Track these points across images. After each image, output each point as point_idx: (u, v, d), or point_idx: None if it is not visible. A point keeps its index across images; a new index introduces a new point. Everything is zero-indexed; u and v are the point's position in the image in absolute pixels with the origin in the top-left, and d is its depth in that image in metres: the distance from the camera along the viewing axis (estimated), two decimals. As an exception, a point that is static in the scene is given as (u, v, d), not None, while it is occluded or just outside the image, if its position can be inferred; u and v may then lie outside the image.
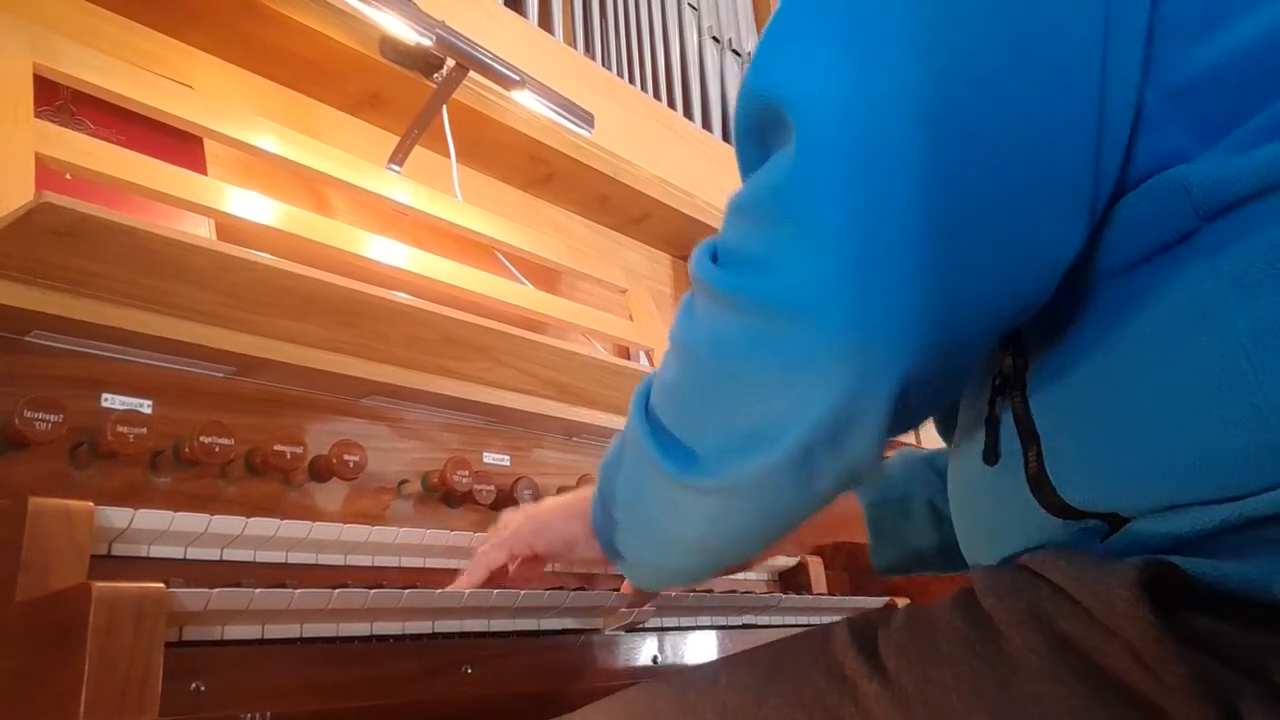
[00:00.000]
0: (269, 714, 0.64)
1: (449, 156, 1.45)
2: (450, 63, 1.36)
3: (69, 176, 0.98)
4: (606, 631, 0.90)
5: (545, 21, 1.72)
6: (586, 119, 1.53)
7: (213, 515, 0.80)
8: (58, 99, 1.06)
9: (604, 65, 1.85)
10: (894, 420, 0.52)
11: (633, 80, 1.94)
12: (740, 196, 0.55)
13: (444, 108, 1.40)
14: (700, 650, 0.98)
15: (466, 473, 1.10)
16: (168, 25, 1.25)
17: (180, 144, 1.14)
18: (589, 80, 1.69)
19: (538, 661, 0.83)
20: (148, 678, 0.56)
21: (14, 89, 0.94)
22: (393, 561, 0.97)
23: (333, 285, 0.92)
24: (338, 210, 1.33)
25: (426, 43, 1.30)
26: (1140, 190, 0.50)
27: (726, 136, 2.11)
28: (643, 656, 0.92)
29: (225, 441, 0.88)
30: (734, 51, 2.26)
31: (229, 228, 1.09)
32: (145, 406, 0.88)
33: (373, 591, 0.70)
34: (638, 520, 0.70)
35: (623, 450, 0.71)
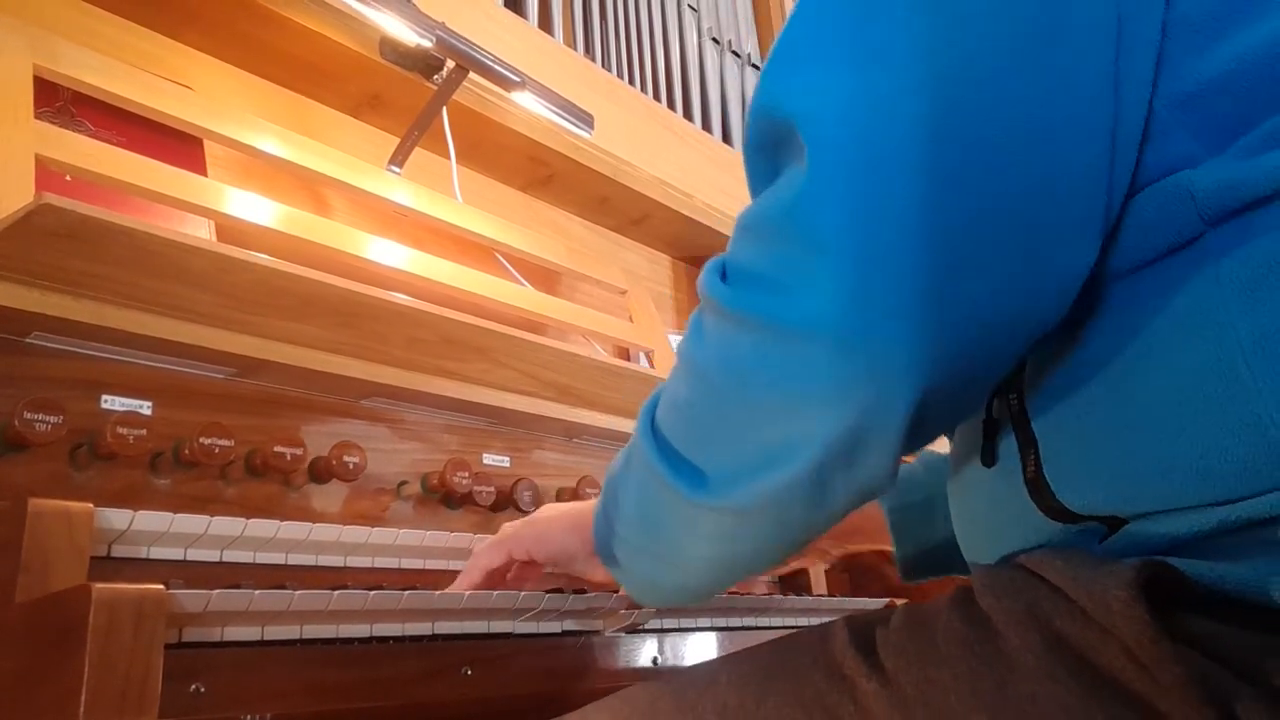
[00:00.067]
0: (269, 715, 0.64)
1: (449, 158, 1.45)
2: (450, 64, 1.36)
3: (69, 178, 0.98)
4: (606, 633, 0.90)
5: (545, 23, 1.72)
6: (586, 120, 1.53)
7: (212, 517, 0.80)
8: (57, 100, 1.07)
9: (604, 66, 1.85)
10: (909, 438, 0.51)
11: (633, 81, 1.94)
12: (749, 214, 0.54)
13: (444, 109, 1.40)
14: (700, 651, 0.98)
15: (466, 474, 1.10)
16: (167, 26, 1.25)
17: (180, 145, 1.14)
18: (589, 81, 1.69)
19: (538, 663, 0.83)
20: (147, 679, 0.56)
21: (14, 90, 0.94)
22: (392, 563, 0.97)
23: (332, 286, 0.92)
24: (337, 211, 1.33)
25: (426, 44, 1.30)
26: (1145, 194, 0.50)
27: (726, 138, 2.11)
28: (643, 658, 0.92)
29: (225, 443, 0.88)
30: (734, 53, 2.26)
31: (229, 229, 1.09)
32: (145, 408, 0.88)
33: (372, 593, 0.70)
34: (643, 537, 0.69)
35: (629, 466, 0.69)
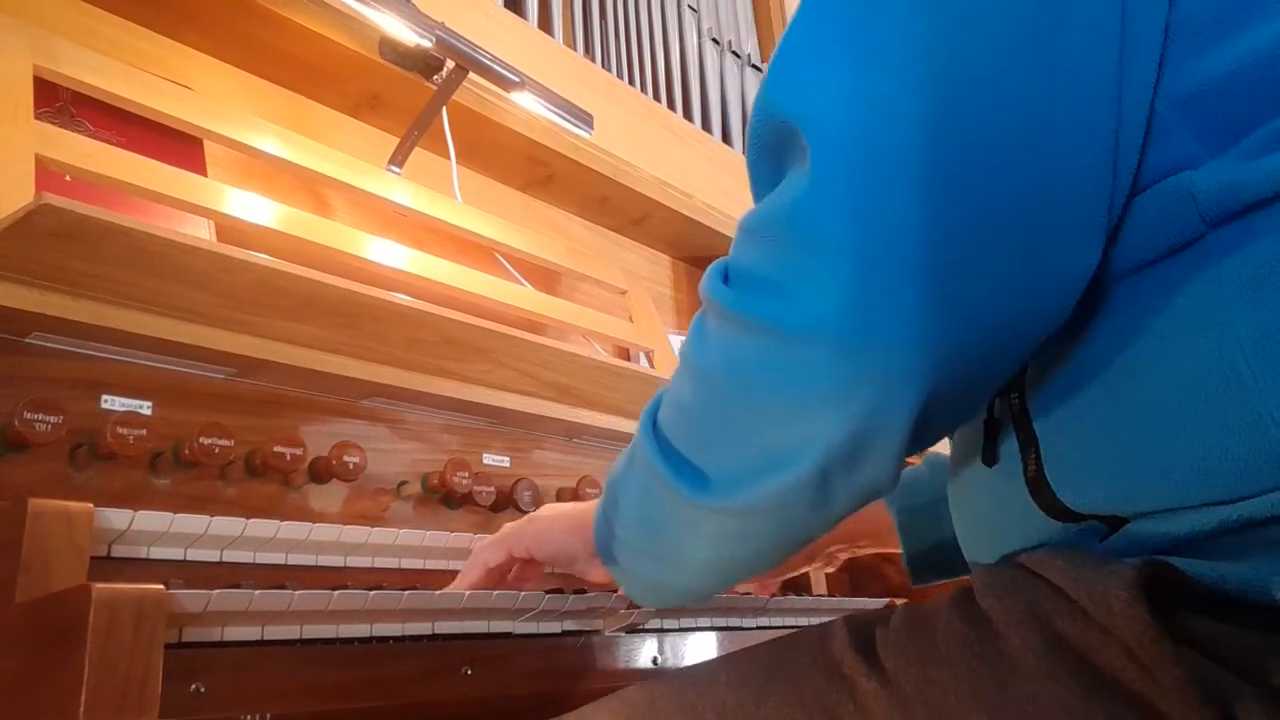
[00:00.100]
0: (269, 715, 0.64)
1: (449, 158, 1.45)
2: (450, 64, 1.36)
3: (69, 178, 0.98)
4: (606, 633, 0.90)
5: (545, 23, 1.72)
6: (586, 120, 1.53)
7: (212, 517, 0.80)
8: (57, 100, 1.07)
9: (604, 67, 1.85)
10: (913, 440, 0.51)
11: (632, 82, 1.94)
12: (752, 216, 0.54)
13: (444, 109, 1.40)
14: (700, 651, 0.98)
15: (466, 474, 1.10)
16: (167, 26, 1.25)
17: (180, 145, 1.14)
18: (589, 82, 1.69)
19: (537, 663, 0.83)
20: (147, 679, 0.56)
21: (14, 90, 0.94)
22: (392, 563, 0.97)
23: (332, 287, 0.92)
24: (337, 212, 1.33)
25: (426, 44, 1.30)
26: (1147, 195, 0.50)
27: (726, 138, 2.11)
28: (643, 658, 0.92)
29: (225, 443, 0.88)
30: (734, 53, 2.26)
31: (229, 229, 1.09)
32: (145, 408, 0.88)
33: (372, 593, 0.70)
34: (644, 539, 0.69)
35: (630, 468, 0.69)
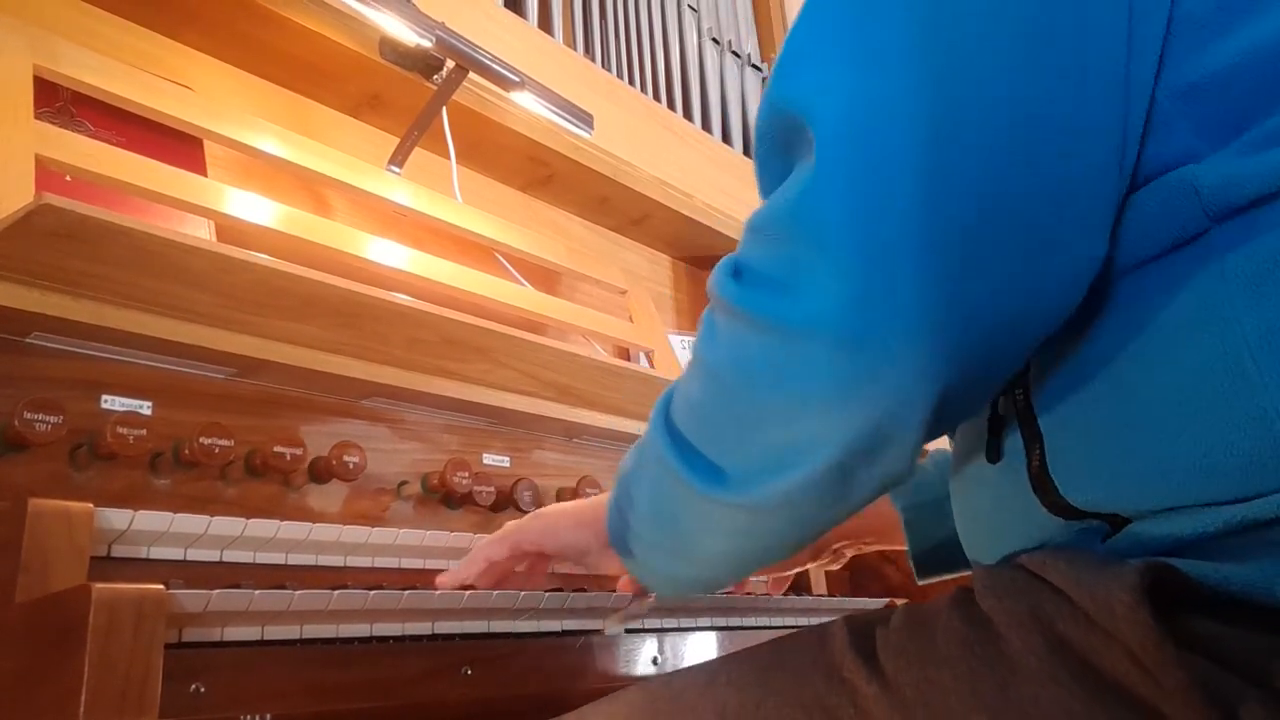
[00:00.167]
0: (269, 715, 0.64)
1: (449, 158, 1.45)
2: (450, 64, 1.36)
3: (69, 178, 0.98)
4: (607, 633, 0.90)
5: (545, 23, 1.72)
6: (586, 120, 1.53)
7: (212, 517, 0.80)
8: (57, 100, 1.06)
9: (604, 67, 1.84)
10: (928, 433, 0.52)
11: (632, 82, 1.94)
12: (759, 214, 0.54)
13: (444, 109, 1.40)
14: (701, 651, 0.98)
15: (466, 474, 1.10)
16: (167, 26, 1.25)
17: (180, 145, 1.14)
18: (589, 82, 1.69)
19: (537, 663, 0.83)
20: (147, 679, 0.56)
21: (14, 90, 0.94)
22: (392, 563, 0.97)
23: (332, 287, 0.92)
24: (337, 212, 1.33)
25: (426, 44, 1.30)
26: (1148, 189, 0.50)
27: (726, 138, 2.11)
28: (643, 657, 0.92)
29: (225, 443, 0.88)
30: (734, 53, 2.26)
31: (229, 229, 1.09)
32: (145, 408, 0.88)
33: (372, 593, 0.70)
34: (657, 532, 0.69)
35: (643, 461, 0.69)
